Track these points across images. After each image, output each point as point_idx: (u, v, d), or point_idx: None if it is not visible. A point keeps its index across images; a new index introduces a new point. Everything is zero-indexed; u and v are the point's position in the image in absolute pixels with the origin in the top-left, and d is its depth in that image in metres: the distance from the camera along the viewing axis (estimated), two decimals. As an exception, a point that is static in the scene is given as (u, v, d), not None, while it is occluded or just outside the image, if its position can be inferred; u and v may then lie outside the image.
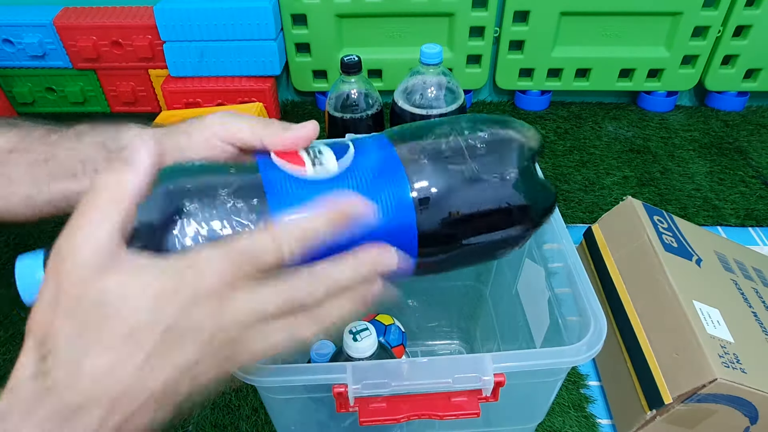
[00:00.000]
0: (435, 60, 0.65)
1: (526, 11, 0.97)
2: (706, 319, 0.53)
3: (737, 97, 1.06)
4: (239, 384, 0.31)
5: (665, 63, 1.01)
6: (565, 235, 0.43)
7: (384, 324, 0.58)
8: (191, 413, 0.60)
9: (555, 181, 0.90)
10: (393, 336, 0.57)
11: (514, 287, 0.54)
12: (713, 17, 0.96)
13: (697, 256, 0.61)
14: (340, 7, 0.96)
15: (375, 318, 0.58)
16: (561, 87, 1.06)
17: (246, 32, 0.93)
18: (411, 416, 0.37)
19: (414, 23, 0.99)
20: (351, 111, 0.71)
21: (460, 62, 1.02)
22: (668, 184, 0.90)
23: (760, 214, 0.84)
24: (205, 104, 1.00)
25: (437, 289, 0.65)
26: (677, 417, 0.51)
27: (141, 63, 1.01)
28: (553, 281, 0.46)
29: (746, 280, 0.62)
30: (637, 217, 0.64)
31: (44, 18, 0.96)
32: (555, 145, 0.99)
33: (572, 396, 0.62)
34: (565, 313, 0.44)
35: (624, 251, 0.63)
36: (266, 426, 0.59)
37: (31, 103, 1.07)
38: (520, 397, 0.43)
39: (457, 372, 0.35)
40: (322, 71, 1.05)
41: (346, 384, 0.35)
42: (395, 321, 0.59)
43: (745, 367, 0.49)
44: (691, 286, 0.56)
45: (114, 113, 1.08)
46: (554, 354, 0.36)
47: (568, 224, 0.82)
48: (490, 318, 0.62)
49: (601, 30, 1.00)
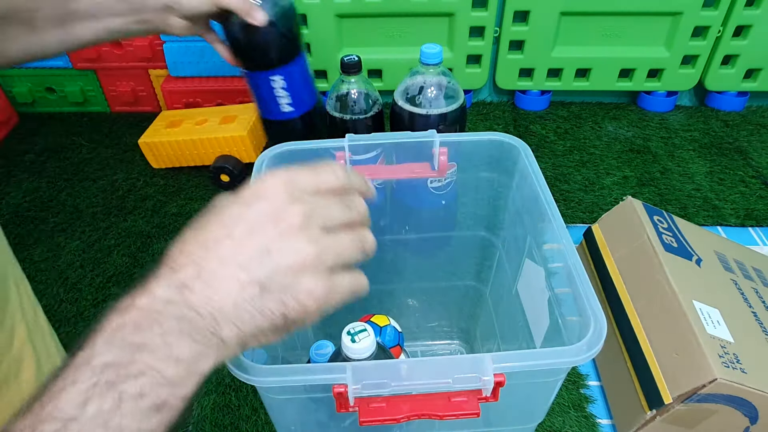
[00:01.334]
0: (435, 60, 0.65)
1: (526, 11, 0.97)
2: (706, 319, 0.53)
3: (737, 97, 1.06)
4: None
5: (665, 63, 1.01)
6: (565, 235, 0.43)
7: (379, 325, 0.58)
8: (191, 410, 0.60)
9: (555, 181, 0.90)
10: (389, 337, 0.57)
11: (514, 287, 0.54)
12: (713, 17, 0.96)
13: (697, 256, 0.61)
14: (340, 7, 0.96)
15: (371, 319, 0.58)
16: (561, 87, 1.06)
17: (246, 32, 0.93)
18: (411, 416, 0.37)
19: (414, 23, 0.99)
20: (351, 111, 0.71)
21: (460, 62, 1.02)
22: (668, 184, 0.90)
23: (760, 214, 0.84)
24: (205, 104, 1.00)
25: (437, 289, 0.65)
26: (677, 417, 0.51)
27: (141, 63, 1.01)
28: (553, 281, 0.46)
29: (746, 280, 0.62)
30: (637, 217, 0.64)
31: (44, 18, 0.96)
32: (555, 145, 0.99)
33: (572, 396, 0.62)
34: (565, 313, 0.44)
35: (624, 251, 0.63)
36: (266, 426, 0.59)
37: (31, 103, 1.07)
38: (520, 397, 0.43)
39: (457, 372, 0.35)
40: (322, 71, 1.05)
41: (346, 384, 0.35)
42: (391, 321, 0.59)
43: (745, 367, 0.49)
44: (691, 286, 0.56)
45: (114, 113, 1.09)
46: (554, 354, 0.36)
47: (568, 224, 0.82)
48: (490, 318, 0.62)
49: (601, 30, 1.00)
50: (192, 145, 0.89)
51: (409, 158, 0.52)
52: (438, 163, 0.51)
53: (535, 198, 0.48)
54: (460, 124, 0.69)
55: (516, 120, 1.05)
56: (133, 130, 1.01)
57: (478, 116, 1.07)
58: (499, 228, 0.59)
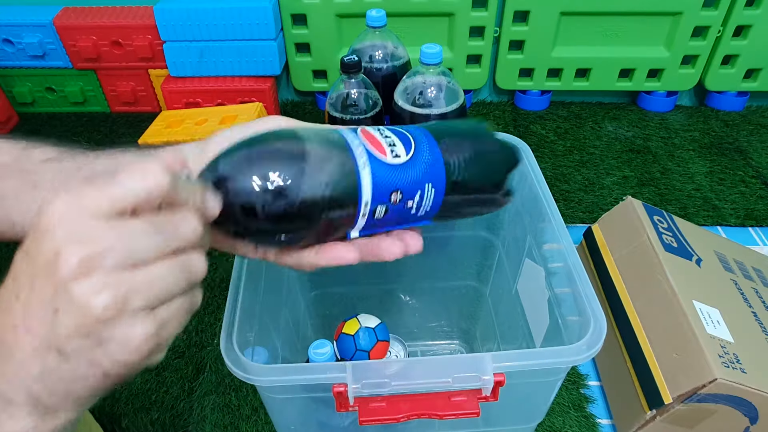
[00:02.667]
0: (435, 60, 0.65)
1: (526, 11, 0.97)
2: (706, 319, 0.53)
3: (737, 97, 1.06)
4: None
5: (665, 63, 1.01)
6: (565, 235, 0.43)
7: (350, 334, 0.55)
8: (191, 410, 0.60)
9: (555, 181, 0.90)
10: (364, 341, 0.55)
11: (514, 287, 0.54)
12: (713, 17, 0.96)
13: (697, 256, 0.61)
14: (340, 7, 0.96)
15: (342, 329, 0.56)
16: (561, 87, 1.06)
17: (246, 32, 0.93)
18: (411, 416, 0.37)
19: (414, 23, 0.99)
20: (351, 111, 0.71)
21: (460, 62, 1.02)
22: (668, 184, 0.90)
23: (760, 214, 0.84)
24: (205, 104, 1.00)
25: (437, 289, 0.65)
26: (677, 417, 0.51)
27: (141, 63, 1.01)
28: (553, 281, 0.46)
29: (746, 280, 0.62)
30: (637, 217, 0.64)
31: (44, 18, 0.96)
32: (555, 145, 0.99)
33: (572, 396, 0.62)
34: (564, 312, 0.44)
35: (624, 251, 0.63)
36: (266, 426, 0.59)
37: (31, 103, 1.07)
38: (520, 396, 0.43)
39: (457, 371, 0.35)
40: (322, 71, 1.05)
41: (345, 383, 0.35)
42: (361, 323, 0.55)
43: (745, 367, 0.49)
44: (691, 286, 0.56)
45: (114, 113, 1.09)
46: (554, 354, 0.36)
47: (568, 224, 0.82)
48: (490, 318, 0.62)
49: (601, 30, 1.00)
50: (192, 145, 0.89)
51: (409, 158, 0.52)
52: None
53: (535, 198, 0.48)
54: (460, 124, 0.69)
55: (516, 120, 1.05)
56: (133, 130, 1.01)
57: (478, 116, 1.07)
58: (499, 228, 0.59)
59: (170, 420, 0.60)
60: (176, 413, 0.61)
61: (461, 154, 0.36)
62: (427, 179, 0.34)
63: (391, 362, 0.37)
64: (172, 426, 0.59)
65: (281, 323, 0.53)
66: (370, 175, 0.32)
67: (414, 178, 0.34)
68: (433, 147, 0.36)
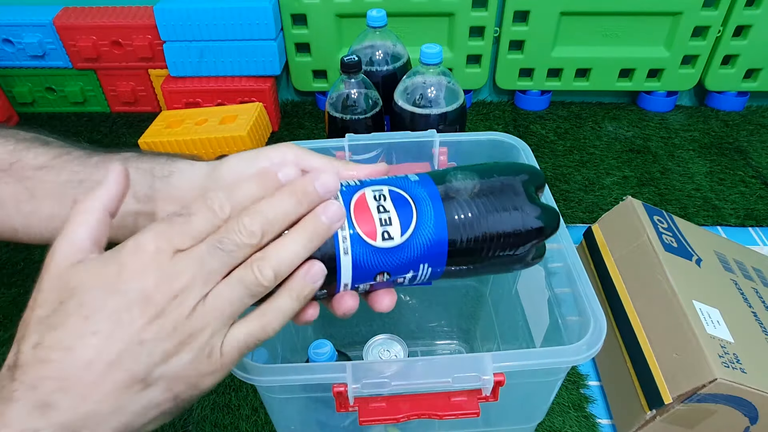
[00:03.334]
0: (435, 60, 0.65)
1: (526, 11, 0.97)
2: (706, 319, 0.53)
3: (737, 97, 1.06)
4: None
5: (665, 63, 1.01)
6: (565, 235, 0.43)
7: None
8: (191, 410, 0.60)
9: (555, 181, 0.90)
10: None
11: (514, 287, 0.54)
12: (713, 17, 0.96)
13: (697, 256, 0.61)
14: (340, 7, 0.96)
15: None
16: (561, 87, 1.06)
17: (246, 32, 0.93)
18: (411, 416, 0.37)
19: (414, 23, 0.99)
20: (351, 111, 0.71)
21: (460, 62, 1.02)
22: (668, 184, 0.90)
23: (760, 214, 0.84)
24: (205, 104, 1.00)
25: (437, 289, 0.65)
26: (677, 417, 0.51)
27: (141, 63, 1.01)
28: (552, 281, 0.46)
29: (746, 280, 0.62)
30: (637, 217, 0.64)
31: (44, 18, 0.96)
32: (555, 145, 0.99)
33: (572, 396, 0.62)
34: (564, 312, 0.44)
35: (624, 251, 0.63)
36: (266, 426, 0.59)
37: (31, 103, 1.07)
38: (520, 396, 0.43)
39: (457, 371, 0.35)
40: (322, 71, 1.05)
41: (345, 383, 0.35)
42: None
43: (745, 367, 0.49)
44: (691, 286, 0.56)
45: (114, 113, 1.09)
46: (554, 354, 0.36)
47: (568, 224, 0.82)
48: (490, 318, 0.62)
49: (601, 30, 1.00)
50: (192, 145, 0.89)
51: (409, 158, 0.52)
52: (438, 162, 0.51)
53: (535, 198, 0.48)
54: (460, 124, 0.69)
55: (516, 120, 1.05)
56: (133, 130, 1.01)
57: (478, 116, 1.07)
58: (499, 228, 0.59)
59: (170, 419, 0.60)
60: (176, 413, 0.61)
61: (477, 231, 0.30)
62: (422, 261, 0.30)
63: (391, 362, 0.37)
64: (172, 426, 0.59)
65: (281, 323, 0.53)
66: (351, 262, 0.29)
67: (406, 260, 0.30)
68: (439, 220, 0.30)
